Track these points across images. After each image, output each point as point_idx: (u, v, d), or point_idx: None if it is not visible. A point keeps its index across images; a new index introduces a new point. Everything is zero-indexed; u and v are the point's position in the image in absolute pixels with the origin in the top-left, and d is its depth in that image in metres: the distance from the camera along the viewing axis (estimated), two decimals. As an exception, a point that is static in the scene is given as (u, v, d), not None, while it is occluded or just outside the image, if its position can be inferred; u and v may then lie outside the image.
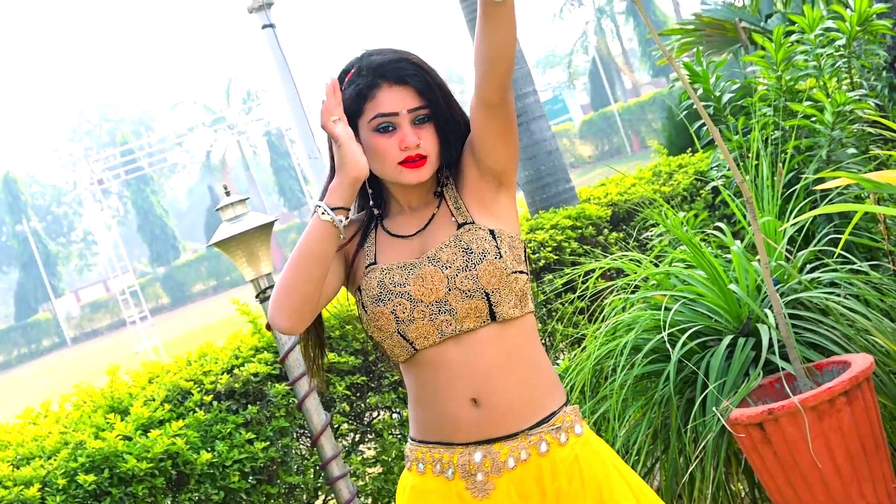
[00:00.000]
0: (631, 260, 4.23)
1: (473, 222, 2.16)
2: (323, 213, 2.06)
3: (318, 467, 3.89)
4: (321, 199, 2.11)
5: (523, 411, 2.13)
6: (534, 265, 5.19)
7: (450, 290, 2.11)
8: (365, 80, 2.14)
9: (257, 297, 3.63)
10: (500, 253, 2.12)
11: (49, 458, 3.23)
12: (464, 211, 2.18)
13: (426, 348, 2.15)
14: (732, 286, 3.55)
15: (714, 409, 3.24)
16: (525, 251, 2.21)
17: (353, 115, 2.15)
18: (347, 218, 2.09)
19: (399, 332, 2.15)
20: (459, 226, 2.16)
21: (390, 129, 2.12)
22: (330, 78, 2.03)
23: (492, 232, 2.14)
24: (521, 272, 2.16)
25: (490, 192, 2.18)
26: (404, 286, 2.14)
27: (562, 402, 2.19)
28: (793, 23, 4.94)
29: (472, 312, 2.11)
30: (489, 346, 2.13)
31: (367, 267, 2.21)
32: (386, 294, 2.14)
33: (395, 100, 2.12)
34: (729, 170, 4.86)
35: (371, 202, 2.28)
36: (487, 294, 2.10)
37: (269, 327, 3.62)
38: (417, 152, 2.12)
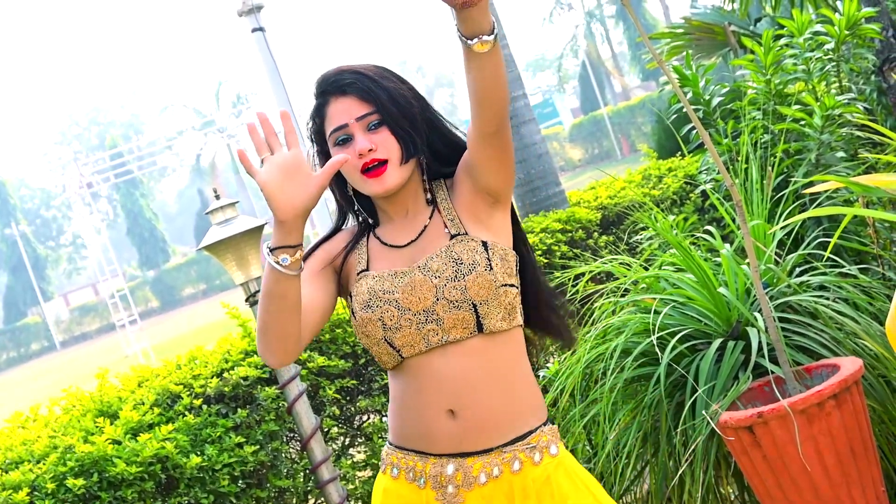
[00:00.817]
0: (621, 263, 4.24)
1: (467, 233, 2.16)
2: (269, 256, 1.97)
3: (307, 471, 3.88)
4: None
5: (500, 427, 2.13)
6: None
7: (437, 299, 2.11)
8: (316, 101, 2.19)
9: (247, 300, 3.63)
10: (490, 265, 2.12)
11: (38, 462, 3.22)
12: (457, 222, 2.18)
13: (412, 356, 2.15)
14: (722, 289, 3.55)
15: (704, 412, 3.25)
16: (517, 265, 2.21)
17: (320, 135, 2.20)
18: (296, 255, 1.96)
19: (386, 340, 2.15)
20: (452, 236, 2.16)
21: (348, 140, 2.14)
22: (256, 112, 1.92)
23: (484, 244, 2.14)
24: (511, 285, 2.15)
25: (485, 208, 2.18)
26: (393, 293, 2.14)
27: (541, 421, 2.19)
28: (782, 26, 4.94)
29: (459, 323, 2.11)
30: (474, 358, 2.12)
31: (358, 273, 2.21)
32: (375, 301, 2.15)
33: (341, 111, 2.14)
34: (718, 173, 4.87)
35: (360, 217, 2.29)
36: (475, 305, 2.10)
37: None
38: (373, 157, 2.12)
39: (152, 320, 43.37)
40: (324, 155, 2.21)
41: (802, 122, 4.49)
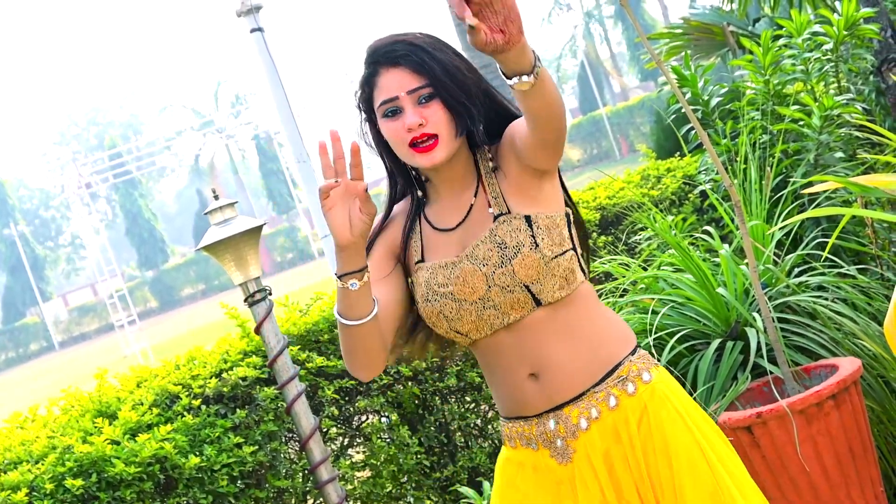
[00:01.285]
0: (620, 264, 4.24)
1: (509, 212, 2.13)
2: (338, 282, 2.05)
3: (306, 471, 3.88)
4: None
5: (586, 372, 2.13)
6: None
7: (490, 287, 2.11)
8: (366, 70, 2.15)
9: (246, 300, 3.63)
10: (535, 242, 2.09)
11: (36, 462, 3.22)
12: (500, 200, 2.16)
13: (480, 339, 2.18)
14: (721, 290, 3.56)
15: (702, 412, 3.25)
16: (570, 219, 2.17)
17: (368, 103, 2.17)
18: (364, 278, 2.04)
19: (452, 329, 2.17)
20: (495, 217, 2.14)
21: (397, 112, 2.10)
22: (329, 130, 1.94)
23: (527, 218, 2.11)
24: (564, 253, 2.12)
25: (533, 181, 2.15)
26: (447, 286, 2.15)
27: (628, 350, 2.18)
28: (780, 27, 4.95)
29: (517, 304, 2.12)
30: (541, 327, 2.13)
31: (416, 263, 2.22)
32: (432, 295, 2.16)
33: (392, 83, 2.10)
34: (717, 173, 4.88)
35: (413, 187, 2.27)
36: (527, 286, 2.10)
37: (257, 331, 3.62)
38: (423, 132, 2.08)
39: (151, 321, 43.37)
40: (371, 123, 2.19)
41: (801, 123, 4.49)
